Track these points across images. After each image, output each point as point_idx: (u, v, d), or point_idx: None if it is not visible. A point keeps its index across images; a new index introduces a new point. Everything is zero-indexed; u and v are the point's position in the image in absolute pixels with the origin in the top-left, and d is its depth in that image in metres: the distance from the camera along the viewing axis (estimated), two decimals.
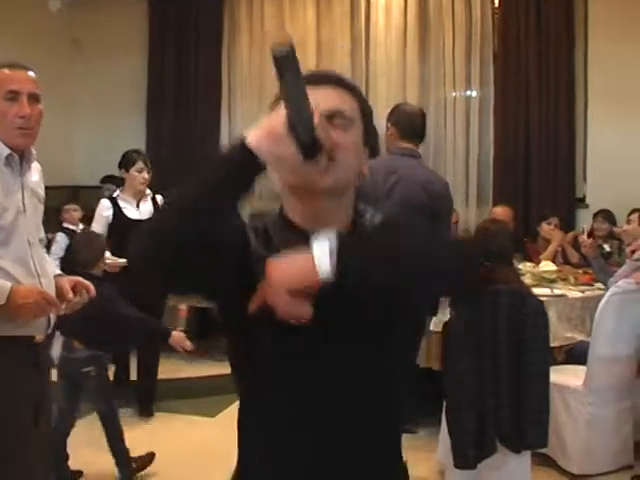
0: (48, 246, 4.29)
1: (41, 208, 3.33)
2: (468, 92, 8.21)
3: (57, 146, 9.20)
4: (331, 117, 1.64)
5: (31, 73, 3.15)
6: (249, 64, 8.92)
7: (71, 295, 3.23)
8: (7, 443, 2.98)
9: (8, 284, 2.95)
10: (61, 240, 7.09)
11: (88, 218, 8.12)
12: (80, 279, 3.33)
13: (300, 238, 1.60)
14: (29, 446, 3.05)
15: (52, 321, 3.19)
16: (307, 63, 8.56)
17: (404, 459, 1.83)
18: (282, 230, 1.69)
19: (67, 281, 3.27)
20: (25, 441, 3.04)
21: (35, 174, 3.27)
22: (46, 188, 8.72)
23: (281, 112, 1.51)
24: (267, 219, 1.73)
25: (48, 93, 9.27)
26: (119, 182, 8.52)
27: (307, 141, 1.51)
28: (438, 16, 8.17)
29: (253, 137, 1.52)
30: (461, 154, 8.19)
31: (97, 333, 4.49)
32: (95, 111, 9.42)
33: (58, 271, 3.40)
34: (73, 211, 7.55)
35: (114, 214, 6.03)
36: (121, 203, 6.09)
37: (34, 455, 3.08)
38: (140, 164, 6.12)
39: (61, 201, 8.92)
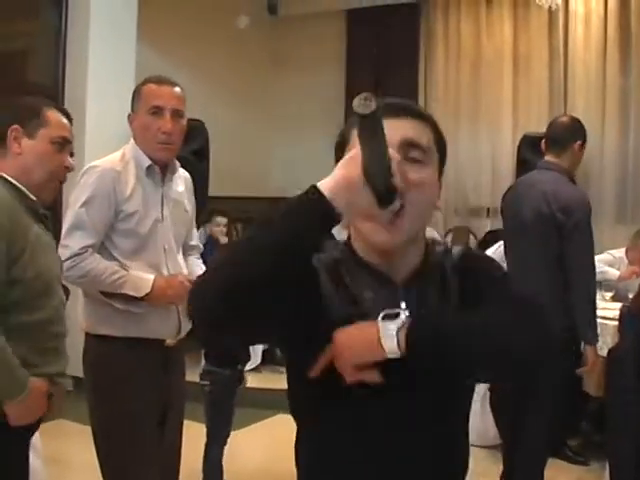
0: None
1: (187, 217, 3.43)
2: None
3: (257, 157, 9.52)
4: (407, 147, 1.59)
5: (177, 89, 3.24)
6: (445, 80, 8.86)
7: None
8: (132, 443, 3.10)
9: (151, 276, 3.10)
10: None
11: None
12: None
13: (374, 278, 1.63)
14: (154, 447, 3.15)
15: (183, 326, 3.28)
16: (503, 78, 8.43)
17: None
18: (354, 268, 1.66)
19: None
20: (150, 442, 3.14)
21: (180, 185, 3.37)
22: (247, 199, 9.07)
23: (356, 161, 1.45)
24: (334, 252, 1.68)
25: (250, 105, 9.69)
26: None
27: (384, 190, 1.47)
28: None
29: (328, 186, 1.45)
30: None
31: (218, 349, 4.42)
32: (294, 124, 9.65)
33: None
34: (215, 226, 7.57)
35: None
36: None
37: (159, 455, 3.18)
38: None
39: (259, 212, 9.22)
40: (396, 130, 1.56)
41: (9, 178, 2.55)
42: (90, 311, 3.17)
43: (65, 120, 2.69)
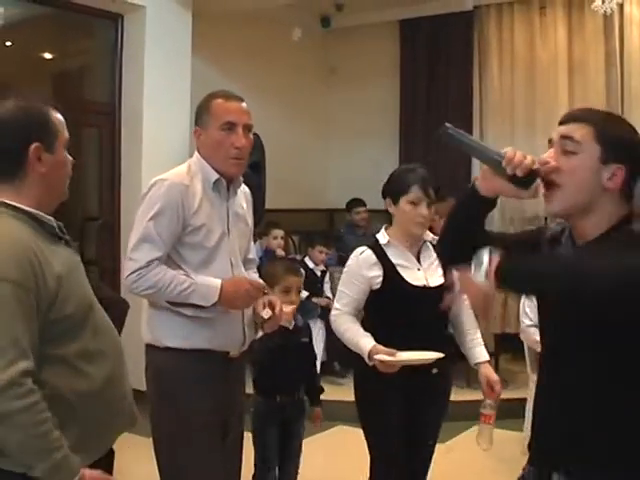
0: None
1: (247, 231, 3.44)
2: None
3: (314, 170, 9.55)
4: (562, 141, 2.07)
5: (244, 104, 3.26)
6: (500, 88, 8.80)
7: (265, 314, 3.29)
8: (195, 455, 3.10)
9: (218, 281, 3.10)
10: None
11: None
12: (275, 299, 3.36)
13: (567, 242, 2.16)
14: (216, 459, 3.16)
15: (247, 338, 3.29)
16: (558, 84, 8.35)
17: None
18: (566, 237, 2.17)
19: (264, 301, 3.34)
20: (212, 455, 3.14)
21: (242, 200, 3.39)
22: (303, 211, 9.09)
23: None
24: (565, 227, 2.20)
25: (305, 117, 9.73)
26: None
27: (509, 175, 2.00)
28: None
29: (477, 181, 2.13)
30: None
31: (262, 377, 4.20)
32: (348, 134, 9.68)
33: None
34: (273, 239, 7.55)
35: (385, 276, 3.58)
36: (392, 256, 3.60)
37: (220, 469, 3.18)
38: (417, 192, 3.60)
39: (315, 224, 9.24)
40: (557, 132, 2.09)
41: (21, 206, 2.20)
42: (155, 323, 3.18)
43: (61, 116, 2.34)
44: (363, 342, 3.46)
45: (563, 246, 2.16)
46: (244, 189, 3.43)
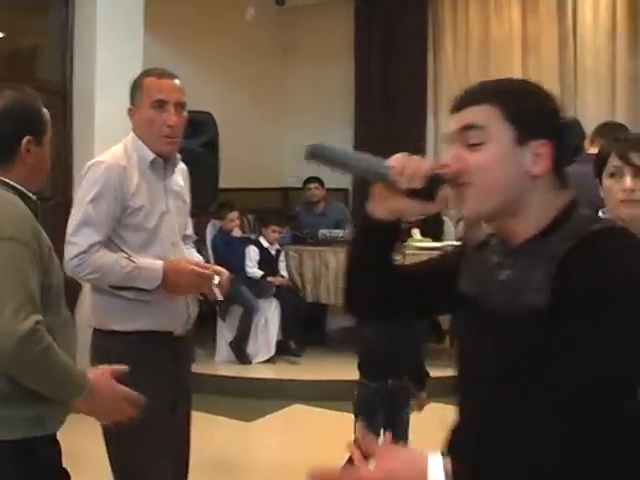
0: (198, 242, 4.11)
1: (185, 208, 3.43)
2: None
3: (268, 149, 9.53)
4: (463, 133, 1.64)
5: (177, 81, 3.22)
6: (454, 67, 8.86)
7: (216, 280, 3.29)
8: (145, 438, 3.07)
9: (160, 264, 3.09)
10: (253, 254, 7.31)
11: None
12: (222, 270, 3.36)
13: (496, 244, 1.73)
14: (165, 442, 3.15)
15: (192, 316, 3.30)
16: (512, 63, 8.41)
17: None
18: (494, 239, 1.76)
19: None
20: (162, 437, 3.14)
21: (180, 177, 3.38)
22: (258, 191, 9.07)
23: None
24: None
25: (259, 96, 9.69)
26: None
27: (407, 190, 1.66)
28: None
29: (370, 206, 1.76)
30: None
31: (372, 363, 4.22)
32: (303, 114, 9.65)
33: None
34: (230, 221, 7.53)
35: None
36: None
37: (170, 450, 3.19)
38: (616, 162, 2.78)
39: (270, 203, 9.25)
40: (454, 124, 1.66)
41: (14, 184, 2.35)
42: (99, 306, 3.18)
43: (47, 112, 2.51)
44: None
45: (490, 249, 1.73)
46: (181, 166, 3.41)
